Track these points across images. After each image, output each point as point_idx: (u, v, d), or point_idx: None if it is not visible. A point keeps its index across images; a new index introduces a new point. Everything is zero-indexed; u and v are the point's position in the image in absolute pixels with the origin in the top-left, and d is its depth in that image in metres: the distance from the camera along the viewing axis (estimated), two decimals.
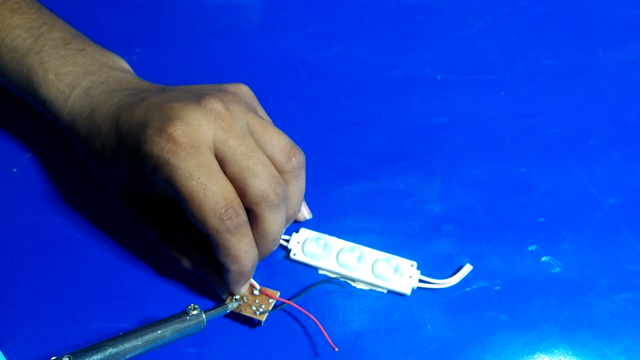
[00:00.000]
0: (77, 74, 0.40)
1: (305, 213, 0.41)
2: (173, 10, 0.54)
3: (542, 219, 0.42)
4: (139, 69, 0.43)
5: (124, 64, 0.43)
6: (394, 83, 0.50)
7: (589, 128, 0.47)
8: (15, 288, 0.38)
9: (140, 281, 0.38)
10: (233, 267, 0.34)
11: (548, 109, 0.48)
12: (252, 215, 0.34)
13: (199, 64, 0.50)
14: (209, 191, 0.32)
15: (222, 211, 0.32)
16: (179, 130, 0.33)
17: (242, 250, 0.33)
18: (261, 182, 0.33)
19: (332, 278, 0.38)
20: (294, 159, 0.35)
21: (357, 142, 0.46)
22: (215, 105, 0.34)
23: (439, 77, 0.50)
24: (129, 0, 0.54)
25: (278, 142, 0.35)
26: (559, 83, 0.50)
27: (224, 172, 0.34)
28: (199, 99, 0.34)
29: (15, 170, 0.43)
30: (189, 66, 0.50)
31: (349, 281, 0.39)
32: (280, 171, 0.35)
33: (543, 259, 0.40)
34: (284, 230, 0.40)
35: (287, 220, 0.37)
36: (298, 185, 0.36)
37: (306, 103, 0.48)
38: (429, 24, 0.54)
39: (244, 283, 0.36)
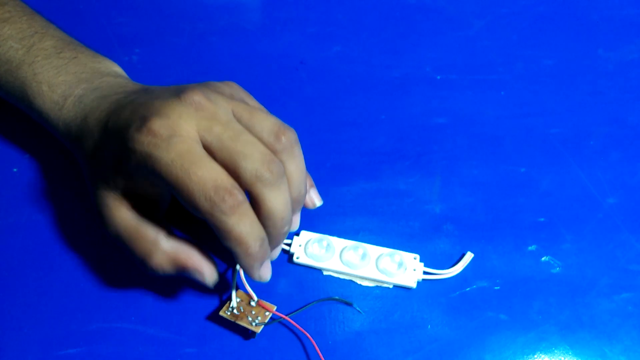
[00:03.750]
0: (70, 84, 0.40)
1: (315, 200, 0.39)
2: (173, 10, 0.54)
3: (542, 219, 0.42)
4: (139, 69, 0.43)
5: (117, 68, 0.43)
6: (394, 83, 0.50)
7: (589, 128, 0.47)
8: (15, 288, 0.38)
9: (140, 281, 0.38)
10: (238, 250, 0.32)
11: (548, 109, 0.48)
12: (252, 198, 0.33)
13: (199, 64, 0.50)
14: (195, 175, 0.31)
15: (212, 193, 0.30)
16: (157, 123, 0.32)
17: (244, 231, 0.31)
18: (253, 162, 0.32)
19: (331, 298, 0.38)
20: (284, 137, 0.34)
21: (357, 142, 0.46)
22: (195, 97, 0.33)
23: (439, 77, 0.50)
24: (129, 0, 0.54)
25: (265, 123, 0.34)
26: (559, 83, 0.50)
27: (214, 160, 0.32)
28: (179, 94, 0.34)
29: (15, 170, 0.43)
30: (189, 66, 0.50)
31: (354, 279, 0.39)
32: (272, 152, 0.33)
33: (543, 259, 0.40)
34: (299, 218, 0.38)
35: (295, 202, 0.35)
36: (295, 163, 0.34)
37: (306, 103, 0.48)
38: (429, 24, 0.54)
39: (260, 267, 0.34)
